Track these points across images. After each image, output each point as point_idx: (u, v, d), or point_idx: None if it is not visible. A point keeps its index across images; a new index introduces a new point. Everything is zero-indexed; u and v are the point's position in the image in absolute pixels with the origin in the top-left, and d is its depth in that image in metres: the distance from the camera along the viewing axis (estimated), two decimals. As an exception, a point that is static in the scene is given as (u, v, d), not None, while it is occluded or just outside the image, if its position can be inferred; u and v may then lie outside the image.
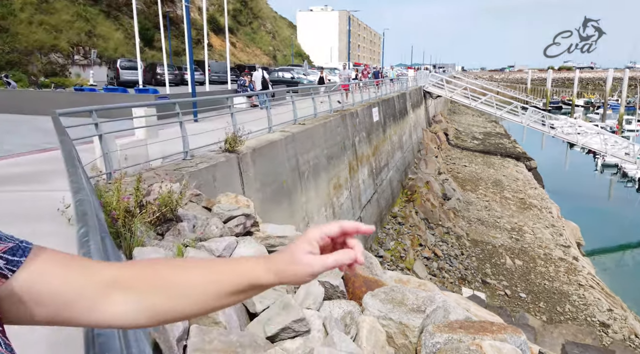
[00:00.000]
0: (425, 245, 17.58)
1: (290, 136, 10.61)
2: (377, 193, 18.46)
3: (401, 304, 2.77)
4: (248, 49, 55.80)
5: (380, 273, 3.57)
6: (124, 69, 26.48)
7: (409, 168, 25.75)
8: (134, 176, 5.16)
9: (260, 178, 9.02)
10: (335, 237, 0.65)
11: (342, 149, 14.55)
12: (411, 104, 29.11)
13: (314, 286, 2.92)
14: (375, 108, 19.18)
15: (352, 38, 73.33)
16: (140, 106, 7.68)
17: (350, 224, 0.63)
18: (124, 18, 35.81)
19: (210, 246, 3.66)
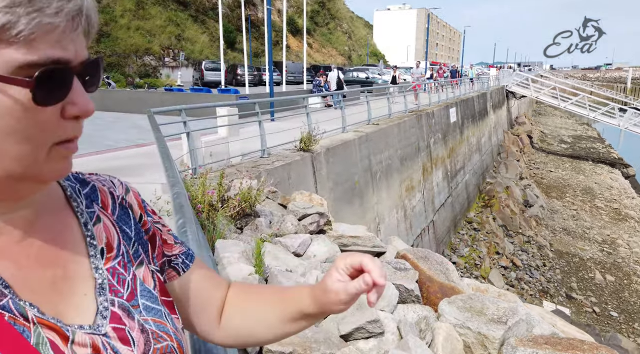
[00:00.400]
0: (502, 253, 16.67)
1: (363, 136, 10.59)
2: (451, 197, 17.83)
3: (480, 314, 2.65)
4: (324, 49, 56.53)
5: (457, 280, 3.45)
6: (208, 70, 28.07)
7: (487, 172, 24.55)
8: (217, 171, 5.46)
9: (332, 177, 9.10)
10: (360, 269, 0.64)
11: (416, 150, 14.24)
12: (492, 104, 27.71)
13: (388, 289, 2.89)
14: (452, 108, 18.53)
15: (430, 36, 71.41)
16: (224, 105, 8.09)
17: (370, 266, 0.62)
18: (209, 22, 37.94)
19: (285, 242, 3.77)
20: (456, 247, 16.98)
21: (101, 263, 0.58)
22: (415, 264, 3.46)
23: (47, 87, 0.44)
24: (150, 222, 0.68)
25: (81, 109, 0.47)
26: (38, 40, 0.43)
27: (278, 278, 2.69)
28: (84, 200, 0.61)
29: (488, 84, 28.25)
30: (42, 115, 0.45)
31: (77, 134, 0.49)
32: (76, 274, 0.55)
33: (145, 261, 0.64)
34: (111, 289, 0.57)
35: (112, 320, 0.55)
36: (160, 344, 0.57)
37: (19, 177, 0.47)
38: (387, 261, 3.47)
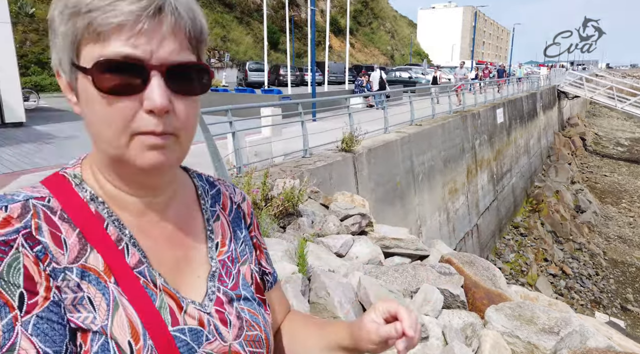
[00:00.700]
0: (551, 260, 15.96)
1: (406, 136, 10.44)
2: (497, 200, 17.25)
3: (530, 323, 2.54)
4: (366, 49, 56.25)
5: (505, 287, 3.32)
6: (251, 71, 28.58)
7: (535, 175, 23.58)
8: (261, 171, 5.55)
9: (374, 178, 9.04)
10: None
11: (461, 151, 13.88)
12: (542, 105, 26.57)
13: (433, 293, 2.83)
14: (499, 109, 17.92)
15: (477, 35, 69.35)
16: (268, 105, 8.22)
17: (403, 315, 0.64)
18: (254, 23, 38.67)
19: (328, 242, 3.78)
20: (501, 253, 16.42)
21: (215, 254, 0.68)
22: (461, 269, 3.37)
23: (112, 78, 0.50)
24: (255, 234, 0.78)
25: (152, 104, 0.51)
26: (110, 38, 0.50)
27: (321, 278, 2.70)
28: (210, 200, 0.72)
29: (538, 83, 27.10)
30: (119, 104, 0.51)
31: (156, 128, 0.53)
32: (195, 259, 0.65)
33: (249, 260, 0.73)
34: (219, 278, 0.66)
35: (216, 303, 0.64)
36: (251, 332, 0.65)
37: (116, 159, 0.55)
38: (431, 265, 3.40)
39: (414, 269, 3.24)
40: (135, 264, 0.57)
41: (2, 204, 0.51)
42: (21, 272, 0.49)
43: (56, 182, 0.58)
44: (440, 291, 2.91)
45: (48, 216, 0.54)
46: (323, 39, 32.84)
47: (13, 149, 8.20)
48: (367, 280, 2.86)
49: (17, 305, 0.48)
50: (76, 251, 0.54)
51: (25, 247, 0.50)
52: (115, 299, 0.53)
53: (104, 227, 0.57)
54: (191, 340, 0.57)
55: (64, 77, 0.56)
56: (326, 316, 2.56)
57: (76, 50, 0.52)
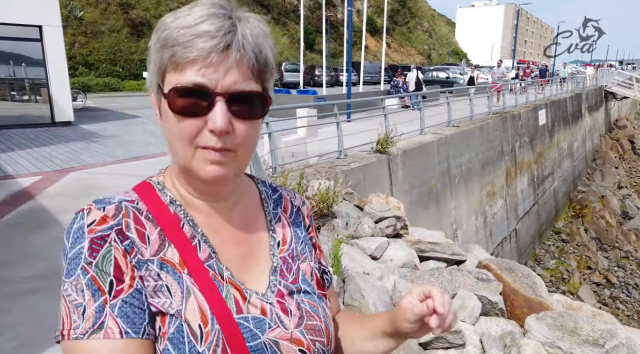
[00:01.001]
0: (595, 268, 15.29)
1: (442, 138, 10.26)
2: (537, 205, 16.67)
3: (573, 334, 2.44)
4: (402, 48, 55.61)
5: (546, 295, 3.21)
6: (287, 72, 28.84)
7: (579, 179, 22.63)
8: (296, 171, 5.60)
9: (409, 180, 8.93)
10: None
11: (500, 154, 13.50)
12: (587, 106, 25.45)
13: (470, 299, 2.77)
14: (542, 110, 17.30)
15: (518, 33, 67.18)
16: (305, 106, 8.28)
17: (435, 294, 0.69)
18: (290, 24, 38.99)
19: (362, 244, 3.77)
20: (541, 259, 15.86)
21: (277, 251, 0.75)
22: (499, 275, 3.28)
23: (183, 102, 0.60)
24: (313, 235, 0.85)
25: (213, 125, 0.60)
26: (186, 69, 0.60)
27: (356, 280, 2.70)
28: (272, 203, 0.80)
29: (584, 84, 25.97)
30: (187, 122, 0.61)
31: (215, 145, 0.61)
32: (259, 255, 0.73)
33: (309, 258, 0.79)
34: (280, 273, 0.73)
35: (277, 295, 0.70)
36: (311, 322, 0.70)
37: (185, 169, 0.65)
38: (468, 271, 3.33)
39: (451, 274, 3.18)
40: (206, 258, 0.65)
41: (101, 206, 0.62)
42: (112, 262, 0.58)
43: (144, 188, 0.69)
44: (478, 298, 2.84)
45: (136, 216, 0.63)
46: (359, 39, 32.73)
47: (63, 147, 8.64)
48: (402, 284, 2.83)
49: (107, 290, 0.57)
50: (157, 245, 0.63)
51: (116, 242, 0.60)
52: (187, 287, 0.61)
53: (180, 226, 0.66)
54: (254, 327, 0.64)
55: (154, 96, 0.67)
56: (360, 318, 2.57)
57: (162, 76, 0.63)
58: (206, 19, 0.60)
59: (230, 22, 0.61)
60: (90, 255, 0.57)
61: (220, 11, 0.61)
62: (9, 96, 11.28)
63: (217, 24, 0.60)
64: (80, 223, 0.60)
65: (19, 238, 4.29)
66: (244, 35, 0.62)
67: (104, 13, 26.68)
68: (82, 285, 0.56)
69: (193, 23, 0.60)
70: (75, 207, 2.92)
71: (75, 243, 0.58)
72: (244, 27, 0.63)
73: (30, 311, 3.07)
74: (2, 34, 10.38)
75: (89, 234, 0.58)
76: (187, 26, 0.60)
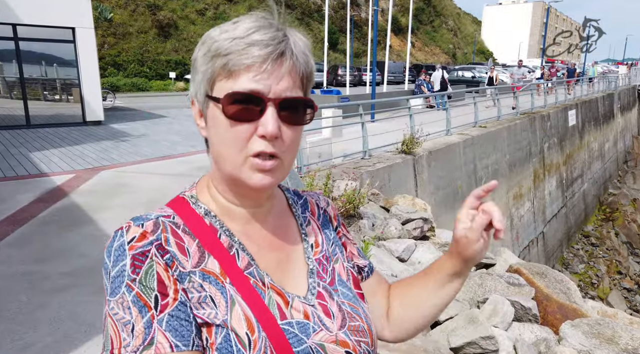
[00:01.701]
0: (626, 274, 14.82)
1: (469, 139, 10.10)
2: (565, 207, 16.24)
3: (610, 342, 2.36)
4: (426, 48, 54.98)
5: (580, 301, 3.11)
6: (310, 71, 28.83)
7: (609, 181, 21.94)
8: (322, 171, 5.61)
9: (434, 181, 8.83)
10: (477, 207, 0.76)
11: (527, 155, 13.20)
12: (620, 106, 24.64)
13: (503, 304, 2.72)
14: (572, 111, 16.84)
15: (547, 31, 65.35)
16: (330, 107, 8.27)
17: (477, 190, 0.76)
18: (313, 24, 39.05)
19: (390, 246, 3.74)
20: (569, 263, 15.46)
21: (311, 254, 0.76)
22: (531, 280, 3.21)
23: (238, 108, 0.61)
24: (343, 233, 0.86)
25: (264, 130, 0.61)
26: (240, 76, 0.61)
27: (385, 282, 2.68)
28: (300, 208, 0.81)
29: (616, 83, 25.14)
30: (239, 128, 0.62)
31: (266, 149, 0.62)
32: (294, 259, 0.74)
33: (341, 258, 0.80)
34: (318, 274, 0.74)
35: (318, 297, 0.70)
36: (354, 323, 0.70)
37: (233, 177, 0.65)
38: (499, 275, 3.27)
39: (481, 278, 3.12)
40: (245, 267, 0.66)
41: (139, 223, 0.63)
42: (155, 277, 0.59)
43: (178, 203, 0.70)
44: (511, 303, 2.78)
45: (174, 230, 0.64)
46: (382, 39, 32.53)
47: (94, 146, 8.88)
48: (431, 287, 2.80)
49: (154, 305, 0.57)
50: (197, 257, 0.63)
51: (157, 257, 0.60)
52: (231, 297, 0.62)
53: (217, 237, 0.67)
54: (299, 332, 0.64)
55: (197, 105, 0.68)
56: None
57: (211, 85, 0.64)
58: (257, 30, 0.62)
59: (282, 33, 0.64)
60: (133, 272, 0.58)
61: (268, 23, 0.64)
62: (41, 96, 11.67)
63: (269, 34, 0.62)
64: (120, 241, 0.60)
65: (54, 235, 4.43)
66: (295, 45, 0.65)
67: (132, 14, 27.30)
68: (129, 302, 0.56)
69: (245, 34, 0.61)
70: (107, 206, 3.06)
71: (117, 261, 0.59)
72: (293, 38, 0.65)
73: (65, 307, 3.17)
74: (36, 36, 10.74)
75: (129, 251, 0.59)
76: (239, 37, 0.61)
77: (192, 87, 0.68)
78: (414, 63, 38.84)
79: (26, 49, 10.81)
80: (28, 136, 9.72)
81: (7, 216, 4.91)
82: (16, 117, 10.91)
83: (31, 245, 4.19)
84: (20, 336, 2.83)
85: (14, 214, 4.96)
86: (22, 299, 3.28)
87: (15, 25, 10.30)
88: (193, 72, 0.67)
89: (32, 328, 2.93)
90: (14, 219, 4.82)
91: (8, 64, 10.83)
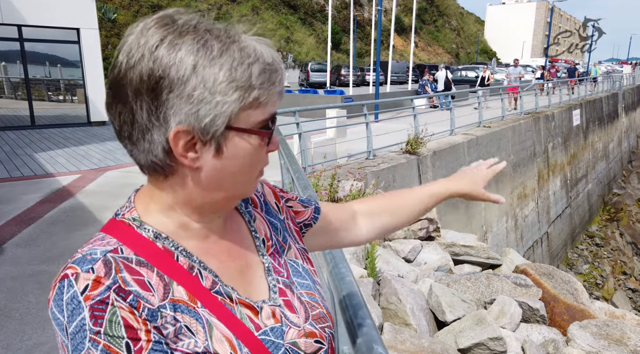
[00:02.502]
0: (631, 274, 14.77)
1: (473, 139, 10.09)
2: (570, 208, 16.19)
3: (619, 343, 2.36)
4: (429, 47, 54.91)
5: (587, 302, 3.11)
6: (313, 71, 28.85)
7: (614, 181, 21.86)
8: (327, 171, 5.61)
9: (438, 181, 8.83)
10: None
11: (532, 155, 13.18)
12: (624, 105, 24.55)
13: (510, 305, 2.72)
14: (576, 110, 16.79)
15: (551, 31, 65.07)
16: (334, 107, 8.28)
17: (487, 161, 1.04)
18: (316, 24, 39.08)
19: (396, 246, 3.74)
20: (573, 263, 15.41)
21: (264, 250, 0.74)
22: (538, 281, 3.20)
23: (267, 134, 0.62)
24: (282, 203, 0.84)
25: (275, 146, 0.65)
26: (268, 104, 0.61)
27: (392, 284, 2.69)
28: (243, 203, 0.77)
29: (620, 83, 25.04)
30: (261, 152, 0.63)
31: (267, 162, 0.66)
32: (252, 262, 0.72)
33: (292, 242, 0.80)
34: (275, 270, 0.73)
35: (280, 294, 0.70)
36: (315, 312, 0.71)
37: (238, 196, 0.66)
38: (505, 275, 3.26)
39: (488, 278, 3.12)
40: (211, 285, 0.63)
41: (87, 267, 0.55)
42: (121, 324, 0.54)
43: (119, 229, 0.62)
44: (518, 304, 2.78)
45: (127, 266, 0.58)
46: (385, 38, 32.52)
47: (99, 146, 8.91)
48: (438, 288, 2.80)
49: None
50: (162, 288, 0.59)
51: (118, 301, 0.54)
52: (207, 320, 0.60)
53: (175, 260, 0.62)
54: (275, 338, 0.64)
55: (188, 137, 0.58)
56: (397, 322, 2.54)
57: (235, 114, 0.59)
58: (262, 49, 0.60)
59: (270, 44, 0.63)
60: (95, 324, 0.52)
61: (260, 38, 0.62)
62: (46, 96, 11.72)
63: (273, 52, 0.61)
64: (71, 292, 0.53)
65: (61, 235, 4.45)
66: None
67: (136, 15, 27.40)
68: None
69: (257, 56, 0.58)
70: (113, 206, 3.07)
71: (73, 316, 0.53)
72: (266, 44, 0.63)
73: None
74: (41, 37, 10.79)
75: (86, 302, 0.53)
76: (254, 61, 0.58)
77: (181, 116, 0.57)
78: (417, 63, 38.80)
79: (31, 49, 10.87)
80: (33, 137, 9.77)
81: (14, 216, 4.94)
82: (21, 118, 10.97)
83: (38, 245, 4.21)
84: (29, 336, 2.85)
85: (20, 215, 4.99)
86: (31, 300, 3.30)
87: (21, 26, 10.35)
88: (178, 98, 0.56)
89: (40, 328, 2.95)
90: (21, 220, 4.85)
91: (13, 65, 10.90)
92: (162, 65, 0.55)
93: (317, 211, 0.89)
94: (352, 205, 0.96)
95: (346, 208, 0.95)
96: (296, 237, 0.81)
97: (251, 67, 0.57)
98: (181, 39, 0.56)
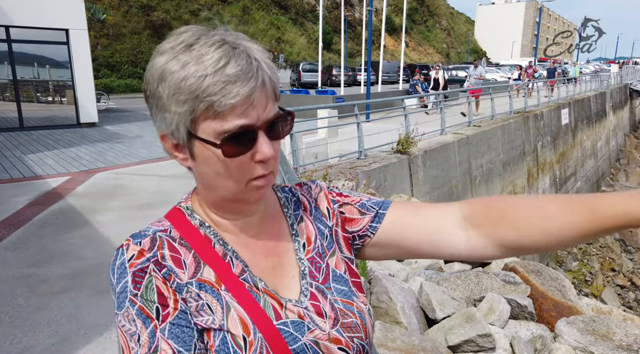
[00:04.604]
0: (619, 271, 14.94)
1: (463, 138, 10.17)
2: (559, 205, 16.34)
3: (605, 338, 2.41)
4: (420, 47, 55.17)
5: (575, 299, 3.16)
6: (305, 72, 28.87)
7: (602, 179, 22.13)
8: (319, 171, 5.63)
9: (429, 181, 8.88)
10: None
11: (521, 154, 13.30)
12: (612, 104, 24.87)
13: (499, 302, 2.75)
14: (565, 110, 16.98)
15: (540, 31, 65.56)
16: (326, 107, 8.29)
17: None
18: (307, 24, 39.08)
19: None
20: (563, 261, 15.57)
21: (303, 255, 0.77)
22: (526, 278, 3.25)
23: (233, 145, 0.62)
24: (335, 210, 0.82)
25: (263, 156, 0.63)
26: (227, 115, 0.60)
27: (382, 282, 2.71)
28: (292, 206, 0.81)
29: (608, 82, 25.36)
30: (236, 162, 0.63)
31: (266, 171, 0.65)
32: (287, 262, 0.75)
33: (337, 250, 0.80)
34: (310, 275, 0.75)
35: (311, 298, 0.72)
36: (347, 320, 0.72)
37: (232, 199, 0.69)
38: (495, 273, 3.30)
39: (477, 276, 3.16)
40: (240, 273, 0.69)
41: (137, 240, 0.66)
42: (155, 291, 0.63)
43: (174, 215, 0.73)
44: (507, 301, 2.82)
45: (170, 244, 0.68)
46: (376, 38, 32.60)
47: (89, 148, 8.84)
48: (429, 286, 2.83)
49: (155, 316, 0.62)
50: (193, 268, 0.67)
51: (155, 272, 0.64)
52: (227, 303, 0.66)
53: (212, 246, 0.70)
54: (294, 331, 0.67)
55: (172, 141, 0.66)
56: (388, 321, 2.57)
57: (193, 125, 0.62)
58: (226, 61, 0.59)
59: (248, 56, 0.61)
60: (135, 287, 0.62)
61: (229, 47, 0.61)
62: (35, 98, 11.60)
63: (242, 64, 0.60)
64: (121, 259, 0.64)
65: (50, 238, 4.42)
66: (266, 65, 0.63)
67: (125, 15, 27.18)
68: (133, 315, 0.61)
69: (215, 69, 0.59)
70: (103, 208, 3.10)
71: (120, 278, 0.63)
72: (256, 55, 0.63)
73: (64, 310, 3.17)
74: (30, 38, 10.68)
75: (130, 269, 0.63)
76: (210, 74, 0.58)
77: (159, 122, 0.65)
78: (408, 63, 38.96)
79: (19, 50, 10.75)
80: (22, 139, 9.67)
81: (3, 219, 4.89)
82: (9, 120, 10.85)
83: (28, 248, 4.18)
84: (19, 339, 2.83)
85: (9, 218, 4.95)
86: (21, 303, 3.28)
87: (8, 27, 10.24)
88: (156, 108, 0.64)
89: (31, 331, 2.93)
90: (10, 222, 4.81)
91: (1, 66, 10.77)
92: (146, 80, 0.65)
93: (377, 219, 0.80)
94: (457, 208, 0.77)
95: (444, 211, 0.77)
96: (342, 245, 0.80)
97: (203, 79, 0.58)
98: (162, 57, 0.62)
